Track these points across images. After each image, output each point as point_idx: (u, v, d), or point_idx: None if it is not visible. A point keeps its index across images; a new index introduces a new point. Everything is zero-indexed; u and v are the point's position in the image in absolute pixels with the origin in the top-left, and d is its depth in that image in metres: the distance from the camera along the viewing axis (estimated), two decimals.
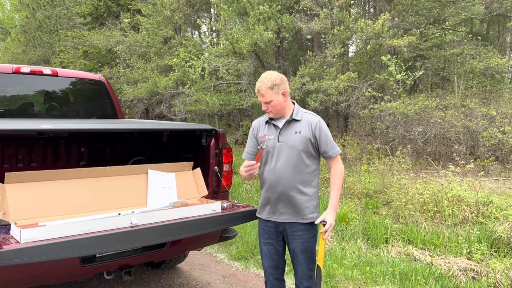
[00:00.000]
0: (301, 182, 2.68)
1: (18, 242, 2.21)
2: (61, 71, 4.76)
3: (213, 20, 14.31)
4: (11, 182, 2.64)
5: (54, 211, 2.73)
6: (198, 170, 3.47)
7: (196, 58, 11.06)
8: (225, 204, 3.17)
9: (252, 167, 2.62)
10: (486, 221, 5.15)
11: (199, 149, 3.62)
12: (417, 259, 4.62)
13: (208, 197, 3.44)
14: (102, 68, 16.46)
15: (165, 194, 3.23)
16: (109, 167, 3.13)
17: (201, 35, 18.85)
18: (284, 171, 2.68)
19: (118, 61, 16.63)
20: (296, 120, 2.71)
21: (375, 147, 9.24)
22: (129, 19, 15.72)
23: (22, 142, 4.15)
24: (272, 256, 2.83)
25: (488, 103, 9.76)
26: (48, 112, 4.63)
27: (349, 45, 12.99)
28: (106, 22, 17.53)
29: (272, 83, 2.64)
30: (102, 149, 4.73)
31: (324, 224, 2.64)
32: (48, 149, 4.33)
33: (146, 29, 14.32)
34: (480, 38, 11.95)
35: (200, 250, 4.61)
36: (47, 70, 4.52)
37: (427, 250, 4.84)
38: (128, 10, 16.56)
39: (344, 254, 4.74)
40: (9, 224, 2.45)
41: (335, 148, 2.71)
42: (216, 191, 3.54)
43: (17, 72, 4.25)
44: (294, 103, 2.81)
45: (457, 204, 5.59)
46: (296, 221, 2.70)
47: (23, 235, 2.21)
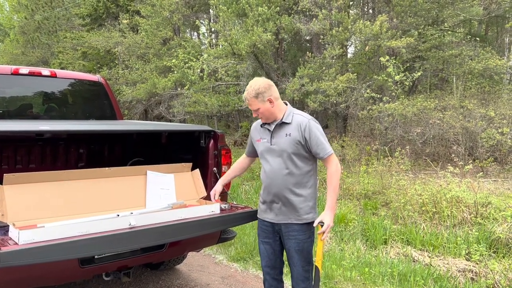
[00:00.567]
0: (295, 184, 2.67)
1: (17, 244, 2.21)
2: (60, 72, 4.75)
3: (212, 21, 14.30)
4: (10, 184, 2.63)
5: (53, 213, 2.72)
6: (197, 171, 3.46)
7: (195, 59, 11.06)
8: (224, 205, 3.17)
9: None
10: (485, 222, 5.15)
11: (198, 150, 3.62)
12: (416, 260, 4.62)
13: (207, 198, 3.44)
14: (101, 69, 16.46)
15: (164, 195, 3.23)
16: (108, 168, 3.13)
17: (200, 36, 18.91)
18: (276, 174, 2.69)
19: (117, 62, 16.64)
20: (286, 123, 2.71)
21: (374, 148, 9.23)
22: (128, 20, 15.71)
23: (21, 143, 4.14)
24: (269, 256, 2.84)
25: (487, 104, 9.76)
26: (47, 113, 4.62)
27: (348, 46, 13.04)
28: (105, 23, 17.55)
29: (256, 92, 2.66)
30: (101, 150, 4.72)
31: (322, 225, 2.64)
32: (47, 150, 4.32)
33: (145, 30, 14.33)
34: (479, 39, 11.97)
35: (199, 251, 4.61)
36: (46, 71, 4.52)
37: (426, 251, 4.84)
38: (127, 11, 16.56)
39: (343, 255, 4.74)
40: (8, 226, 2.44)
41: (326, 150, 2.66)
42: None
43: (16, 73, 4.24)
44: (287, 105, 2.81)
45: (456, 205, 5.60)
46: (291, 222, 2.71)
47: (22, 237, 2.20)
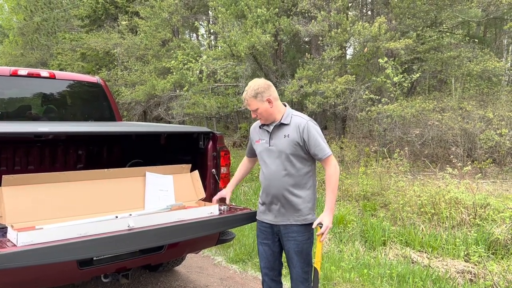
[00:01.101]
0: (293, 185, 2.68)
1: (15, 246, 2.20)
2: (59, 74, 4.75)
3: (211, 23, 14.30)
4: (8, 185, 2.63)
5: (51, 214, 2.72)
6: (196, 173, 3.46)
7: (194, 61, 11.06)
8: (223, 207, 3.17)
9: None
10: (484, 223, 5.16)
11: (197, 152, 3.62)
12: (415, 262, 4.62)
13: (206, 200, 3.44)
14: (100, 71, 16.45)
15: (163, 197, 3.22)
16: (107, 170, 3.12)
17: (199, 38, 18.92)
18: (275, 175, 2.70)
19: (116, 64, 16.62)
20: (285, 124, 2.71)
21: (373, 150, 9.24)
22: (127, 22, 15.71)
23: (20, 145, 4.13)
24: (268, 257, 2.84)
25: (485, 106, 9.78)
26: (46, 115, 4.62)
27: (347, 48, 13.03)
28: (104, 25, 17.52)
29: (255, 92, 2.66)
30: (100, 152, 4.72)
31: (321, 226, 2.64)
32: (46, 152, 4.32)
33: (144, 32, 14.33)
34: (477, 41, 11.97)
35: (198, 253, 4.61)
36: (45, 73, 4.51)
37: (425, 252, 4.84)
38: (126, 13, 16.55)
39: (342, 257, 4.74)
40: (6, 227, 2.44)
41: (325, 151, 2.66)
42: (214, 194, 3.53)
43: (15, 75, 4.24)
44: (286, 106, 2.81)
45: (455, 206, 5.61)
46: (290, 223, 2.71)
47: (20, 238, 2.20)
